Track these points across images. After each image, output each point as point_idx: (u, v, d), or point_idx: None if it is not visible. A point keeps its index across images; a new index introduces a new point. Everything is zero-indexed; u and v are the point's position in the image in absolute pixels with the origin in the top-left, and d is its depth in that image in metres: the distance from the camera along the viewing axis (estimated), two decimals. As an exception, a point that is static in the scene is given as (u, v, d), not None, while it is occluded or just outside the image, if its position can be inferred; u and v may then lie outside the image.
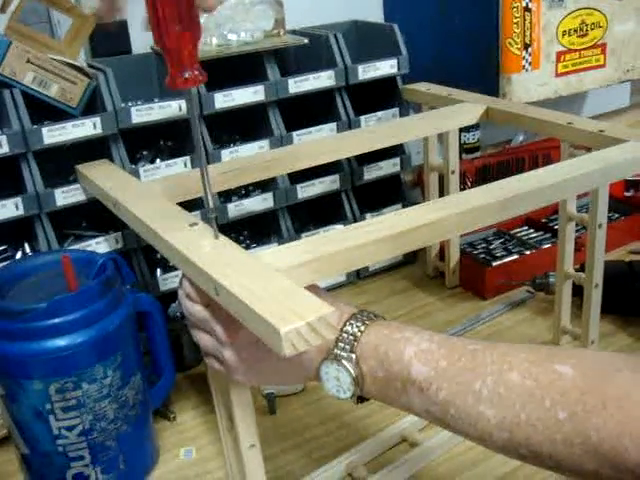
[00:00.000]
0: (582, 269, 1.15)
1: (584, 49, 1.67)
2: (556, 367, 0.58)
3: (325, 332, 0.60)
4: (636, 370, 0.56)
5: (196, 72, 0.70)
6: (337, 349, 0.67)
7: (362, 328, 0.67)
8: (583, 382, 0.57)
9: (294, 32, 1.37)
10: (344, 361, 0.66)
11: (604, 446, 0.53)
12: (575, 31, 1.64)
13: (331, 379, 0.68)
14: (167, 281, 1.21)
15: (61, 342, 0.85)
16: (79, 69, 1.11)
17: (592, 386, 0.56)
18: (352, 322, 0.68)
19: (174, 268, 1.21)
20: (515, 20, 1.53)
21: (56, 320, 0.85)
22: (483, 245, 1.47)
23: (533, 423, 0.57)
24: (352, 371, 0.66)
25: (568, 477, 0.58)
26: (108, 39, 1.28)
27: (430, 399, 0.63)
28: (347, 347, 0.67)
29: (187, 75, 0.70)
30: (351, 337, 0.67)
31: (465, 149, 1.67)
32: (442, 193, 1.37)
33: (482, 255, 1.43)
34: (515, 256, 1.41)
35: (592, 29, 1.67)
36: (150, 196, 0.93)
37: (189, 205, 1.00)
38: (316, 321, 0.59)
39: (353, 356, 0.66)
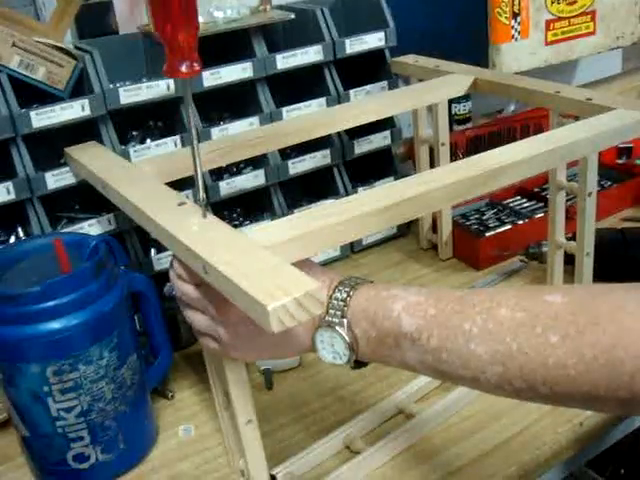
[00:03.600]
0: (574, 238, 1.16)
1: (573, 17, 1.66)
2: (545, 297, 0.59)
3: (312, 308, 0.60)
4: (629, 289, 0.57)
5: (194, 62, 0.71)
6: (328, 316, 0.68)
7: (351, 292, 0.68)
8: (574, 305, 0.57)
9: (280, 8, 1.36)
10: (337, 327, 0.67)
11: (599, 361, 0.53)
12: (565, -3, 1.64)
13: (326, 347, 0.69)
14: (161, 261, 1.22)
15: (56, 325, 0.86)
16: (65, 51, 1.10)
17: (583, 306, 0.56)
18: (340, 288, 0.69)
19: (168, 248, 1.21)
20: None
21: (50, 303, 0.86)
22: (476, 216, 1.48)
23: (525, 351, 0.57)
24: (345, 335, 0.67)
25: (564, 404, 0.58)
26: (94, 20, 1.28)
27: (423, 348, 0.63)
28: (338, 313, 0.68)
29: (185, 65, 0.70)
30: (341, 303, 0.68)
31: (456, 120, 1.67)
32: (433, 165, 1.37)
33: (475, 226, 1.43)
34: (508, 226, 1.41)
35: (582, -5, 1.67)
36: (139, 177, 0.93)
37: (180, 183, 1.01)
38: (303, 297, 0.59)
39: (345, 320, 0.67)
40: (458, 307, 0.62)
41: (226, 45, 1.26)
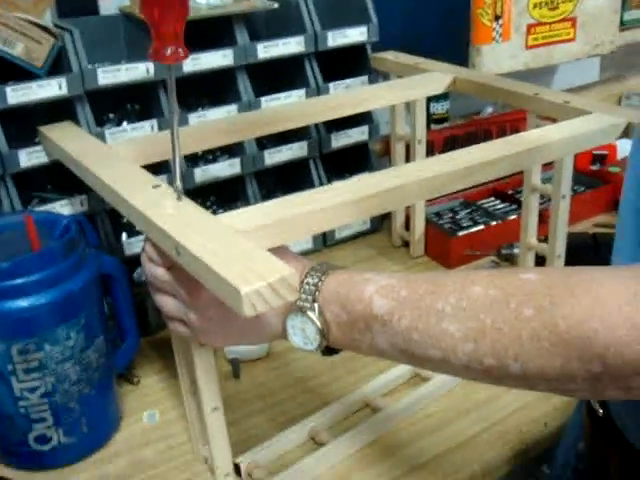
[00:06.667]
0: (546, 240, 1.16)
1: (554, 22, 1.67)
2: (520, 276, 0.58)
3: (286, 293, 0.60)
4: (604, 268, 0.56)
5: (180, 48, 0.70)
6: (300, 301, 0.67)
7: (322, 277, 0.68)
8: (549, 280, 0.56)
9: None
10: (308, 311, 0.67)
11: (572, 333, 0.52)
12: (546, 4, 1.65)
13: (297, 332, 0.69)
14: (132, 245, 1.21)
15: (23, 303, 0.85)
16: (45, 29, 1.09)
17: (559, 281, 0.56)
18: (312, 273, 0.69)
19: (140, 232, 1.20)
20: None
21: (18, 280, 0.85)
22: (449, 215, 1.48)
23: (499, 327, 0.56)
24: (317, 320, 0.66)
25: (533, 385, 0.58)
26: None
27: (393, 329, 0.63)
28: (309, 297, 0.67)
29: (171, 50, 0.70)
30: (312, 287, 0.67)
31: (434, 119, 1.68)
32: (409, 162, 1.37)
33: (448, 225, 1.44)
34: (481, 226, 1.42)
35: (563, 2, 1.68)
36: (114, 159, 0.92)
37: (155, 168, 1.00)
38: (276, 282, 0.59)
39: (316, 305, 0.67)
40: (431, 287, 0.62)
41: (208, 31, 1.25)
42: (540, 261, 1.19)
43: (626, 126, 0.99)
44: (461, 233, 1.39)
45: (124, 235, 1.24)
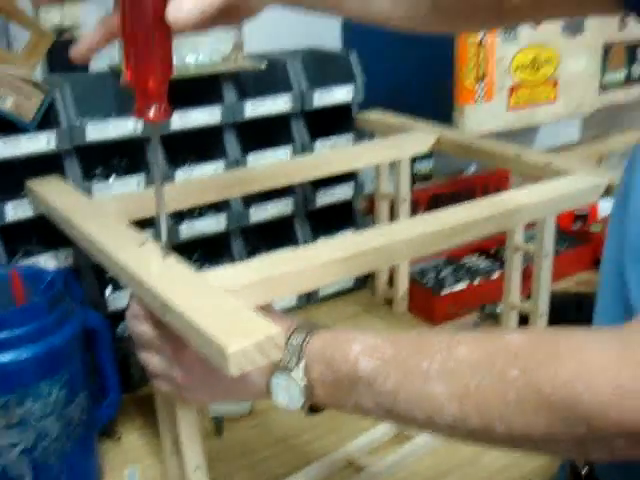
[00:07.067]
0: (530, 298, 1.17)
1: (536, 84, 1.70)
2: (505, 337, 0.58)
3: (271, 352, 0.60)
4: (589, 330, 0.56)
5: (163, 108, 0.71)
6: (285, 360, 0.67)
7: (308, 336, 0.68)
8: (534, 341, 0.56)
9: (253, 56, 1.38)
10: (293, 371, 0.66)
11: (557, 395, 0.52)
12: (528, 66, 1.68)
13: (281, 391, 0.68)
14: (117, 300, 1.20)
15: (6, 357, 0.84)
16: (35, 84, 1.10)
17: (544, 342, 0.56)
18: (298, 332, 0.68)
19: (124, 287, 1.20)
20: (470, 53, 1.56)
21: (1, 335, 0.84)
22: (433, 273, 1.49)
23: (484, 388, 0.56)
24: (301, 379, 0.66)
25: (519, 446, 0.57)
26: (66, 54, 1.28)
27: (379, 389, 0.62)
28: (295, 356, 0.67)
29: (154, 109, 0.71)
30: (298, 347, 0.67)
31: (418, 178, 1.69)
32: (393, 221, 1.38)
33: (432, 283, 1.45)
34: (465, 285, 1.43)
35: (544, 65, 1.71)
36: (101, 214, 0.92)
37: (141, 223, 1.00)
38: (262, 341, 0.59)
39: (301, 365, 0.67)
40: (416, 347, 0.62)
41: (196, 89, 1.27)
42: (523, 320, 1.20)
43: (607, 186, 1.01)
44: (445, 291, 1.40)
45: (108, 289, 1.24)
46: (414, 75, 1.68)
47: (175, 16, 0.65)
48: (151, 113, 0.70)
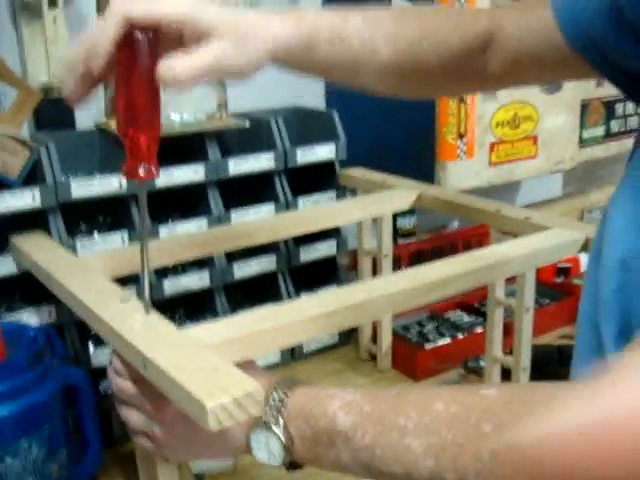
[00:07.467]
0: (512, 353, 1.18)
1: (517, 140, 1.74)
2: (481, 392, 0.59)
3: (251, 408, 0.60)
4: (565, 386, 0.57)
5: (152, 167, 0.73)
6: (265, 416, 0.68)
7: (288, 392, 0.68)
8: (510, 397, 0.57)
9: (237, 115, 1.40)
10: (273, 426, 0.67)
11: (531, 451, 0.52)
12: (508, 123, 1.72)
13: (262, 447, 0.68)
14: (99, 356, 1.20)
15: (-14, 415, 0.84)
16: (21, 141, 1.12)
17: (519, 397, 0.56)
18: (278, 388, 0.69)
19: (107, 343, 1.20)
20: (451, 110, 1.59)
21: (-18, 392, 0.84)
22: (416, 328, 1.49)
23: (459, 442, 0.56)
24: (281, 435, 0.67)
25: None
26: (53, 112, 1.30)
27: (357, 445, 0.63)
28: (274, 412, 0.67)
29: (144, 169, 0.72)
30: (278, 402, 0.68)
31: (402, 234, 1.71)
32: (375, 276, 1.39)
33: (415, 338, 1.45)
34: (447, 339, 1.43)
35: (524, 121, 1.75)
36: (84, 270, 0.93)
37: (124, 279, 1.01)
38: (242, 397, 0.60)
39: (281, 420, 0.67)
40: (394, 403, 0.63)
41: (181, 146, 1.29)
42: (506, 374, 1.20)
43: (585, 241, 1.03)
44: (428, 346, 1.40)
45: (91, 346, 1.24)
46: (397, 133, 1.71)
47: (166, 75, 0.67)
48: (141, 172, 0.72)
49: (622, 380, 0.53)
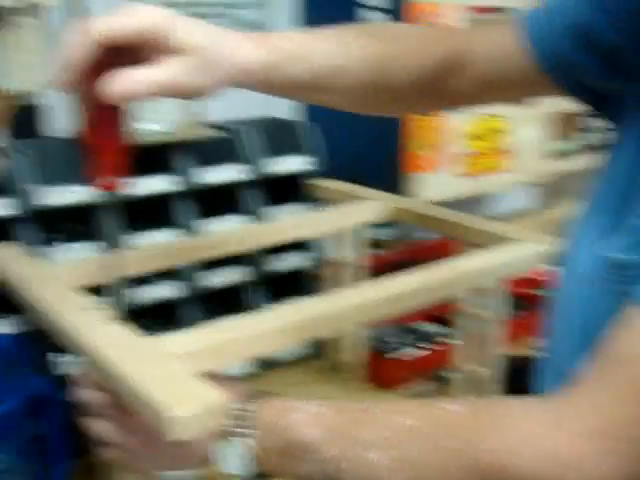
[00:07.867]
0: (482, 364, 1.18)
1: (488, 153, 1.75)
2: (445, 406, 0.60)
3: (216, 419, 0.61)
4: (526, 402, 0.58)
5: (119, 178, 0.73)
6: (231, 426, 0.68)
7: (255, 404, 0.69)
8: (474, 412, 0.58)
9: (210, 125, 1.41)
10: (240, 438, 0.67)
11: (495, 466, 0.54)
12: (480, 135, 1.73)
13: (228, 457, 0.68)
14: (67, 365, 1.20)
15: (-49, 425, 0.84)
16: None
17: (483, 413, 0.58)
18: (245, 399, 0.69)
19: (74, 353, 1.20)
20: (423, 123, 1.60)
21: (-53, 403, 0.84)
22: (387, 339, 1.50)
23: (424, 457, 0.57)
24: (248, 447, 0.67)
25: None
26: (28, 122, 1.29)
27: (323, 457, 0.63)
28: (240, 423, 0.68)
29: (112, 179, 0.73)
30: (243, 413, 0.68)
31: (375, 245, 1.71)
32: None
33: (385, 349, 1.45)
34: (418, 350, 1.44)
35: (496, 134, 1.76)
36: (52, 280, 0.93)
37: (94, 288, 1.00)
38: (206, 407, 0.60)
39: (247, 431, 0.67)
40: (359, 417, 0.64)
41: (150, 156, 1.28)
42: (476, 385, 1.21)
43: (552, 253, 1.04)
44: (398, 356, 1.40)
45: (59, 355, 1.23)
46: (368, 145, 1.72)
47: (112, 91, 0.67)
48: (108, 181, 0.73)
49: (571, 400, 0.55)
